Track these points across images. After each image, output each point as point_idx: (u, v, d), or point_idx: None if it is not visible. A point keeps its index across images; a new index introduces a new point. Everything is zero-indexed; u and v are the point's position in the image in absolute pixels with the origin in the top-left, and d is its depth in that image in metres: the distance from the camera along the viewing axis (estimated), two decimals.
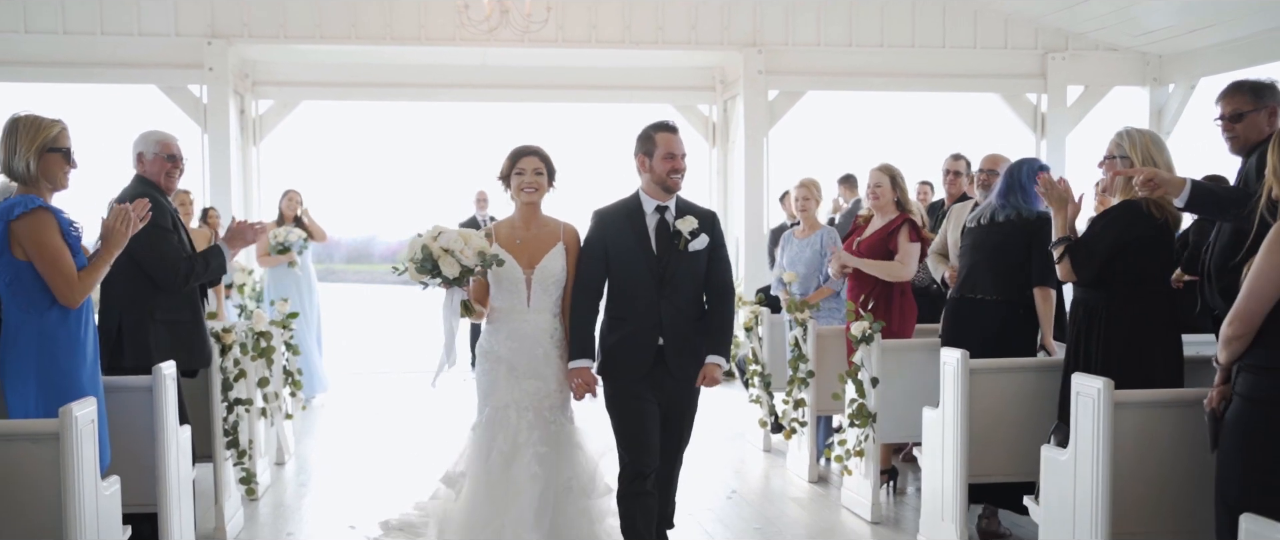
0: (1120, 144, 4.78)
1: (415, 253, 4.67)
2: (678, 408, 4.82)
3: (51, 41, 9.80)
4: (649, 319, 4.70)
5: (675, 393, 4.78)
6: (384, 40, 10.33)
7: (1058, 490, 4.44)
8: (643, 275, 4.70)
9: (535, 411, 4.85)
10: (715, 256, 4.81)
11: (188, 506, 4.99)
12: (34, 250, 4.10)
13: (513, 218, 4.98)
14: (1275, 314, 3.54)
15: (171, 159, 5.29)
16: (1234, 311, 3.62)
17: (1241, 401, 3.63)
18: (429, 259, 4.67)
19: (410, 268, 4.69)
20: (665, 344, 4.69)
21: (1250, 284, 3.57)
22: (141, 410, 4.60)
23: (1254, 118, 4.25)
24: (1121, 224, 4.68)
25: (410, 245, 4.73)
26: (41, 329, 4.14)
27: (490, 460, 4.79)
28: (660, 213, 4.76)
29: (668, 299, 4.69)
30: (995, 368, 5.19)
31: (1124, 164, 4.74)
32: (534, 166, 4.87)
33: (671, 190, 4.74)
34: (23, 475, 3.62)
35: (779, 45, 10.65)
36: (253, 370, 6.30)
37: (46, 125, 4.30)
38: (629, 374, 4.73)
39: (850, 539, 5.84)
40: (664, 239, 4.72)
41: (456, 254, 4.65)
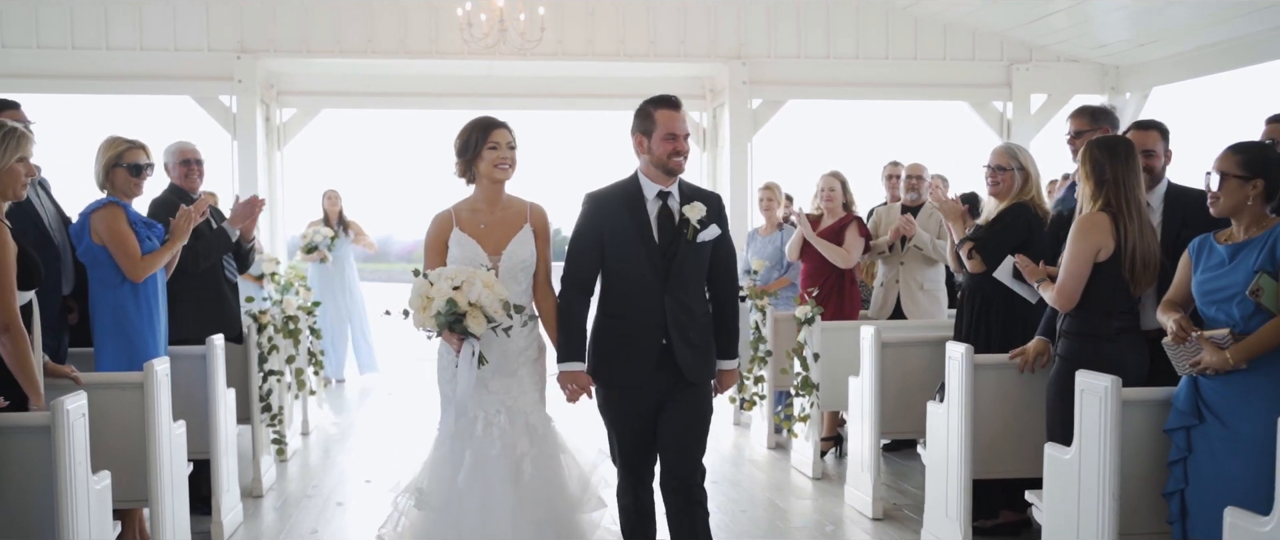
0: (1014, 156, 5.89)
1: (438, 308, 4.18)
2: (683, 406, 4.39)
3: (96, 57, 10.97)
4: (651, 317, 4.30)
5: (683, 396, 4.38)
6: (398, 54, 11.44)
7: (1061, 490, 4.51)
8: (643, 268, 4.29)
9: (508, 413, 4.44)
10: (722, 246, 4.43)
11: (233, 458, 6.18)
12: (106, 236, 5.30)
13: (474, 199, 4.52)
14: (1088, 290, 4.66)
15: (186, 163, 6.45)
16: (1057, 289, 4.74)
17: (1061, 362, 4.74)
18: (455, 316, 4.19)
19: (430, 323, 4.24)
20: (671, 344, 4.30)
21: (1065, 266, 4.69)
22: (197, 374, 5.78)
23: (1090, 136, 5.32)
24: (1022, 223, 5.76)
25: (421, 294, 4.25)
26: (116, 301, 5.35)
27: (459, 476, 4.38)
28: (663, 199, 4.34)
29: (672, 294, 4.30)
30: (998, 363, 5.34)
31: (1020, 175, 5.85)
32: (508, 140, 4.46)
33: (673, 173, 4.31)
34: (112, 417, 4.76)
35: (761, 57, 11.73)
36: (283, 348, 7.46)
37: (114, 144, 5.52)
38: (627, 378, 4.36)
39: (795, 492, 6.97)
40: (667, 227, 4.31)
41: (486, 308, 4.21)
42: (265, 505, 6.65)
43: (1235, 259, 4.02)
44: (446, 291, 4.18)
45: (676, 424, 4.39)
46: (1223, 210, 4.10)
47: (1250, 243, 4.01)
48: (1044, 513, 4.67)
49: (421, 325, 4.28)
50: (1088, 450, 4.28)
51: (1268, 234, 3.98)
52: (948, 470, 5.38)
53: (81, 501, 3.93)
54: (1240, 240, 4.05)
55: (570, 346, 4.42)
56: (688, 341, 4.34)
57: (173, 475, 5.05)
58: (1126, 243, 4.57)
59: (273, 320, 7.10)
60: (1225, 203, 4.08)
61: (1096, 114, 5.63)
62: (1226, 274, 4.02)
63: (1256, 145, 4.16)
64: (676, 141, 4.28)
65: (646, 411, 4.40)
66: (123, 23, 10.96)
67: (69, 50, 10.89)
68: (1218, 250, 4.09)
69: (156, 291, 5.50)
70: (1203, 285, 4.09)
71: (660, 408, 4.40)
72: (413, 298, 4.28)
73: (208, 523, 5.88)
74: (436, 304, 4.19)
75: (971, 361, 5.20)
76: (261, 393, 6.85)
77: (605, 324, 4.43)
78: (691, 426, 4.42)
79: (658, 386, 4.35)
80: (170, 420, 5.04)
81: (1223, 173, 4.07)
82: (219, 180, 10.65)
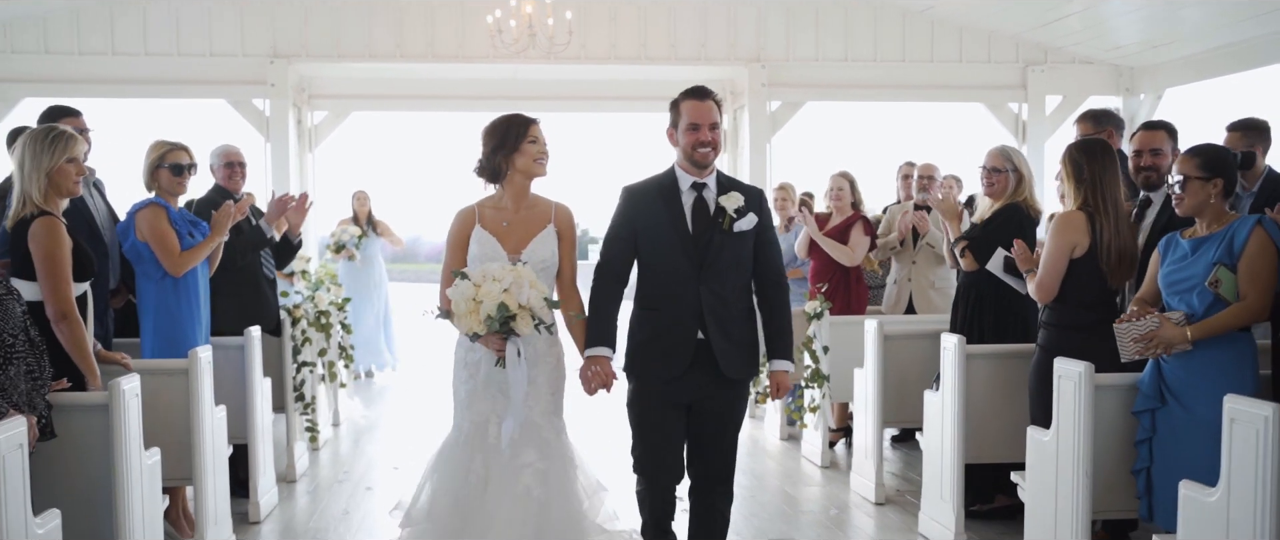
0: (1009, 159, 6.22)
1: (489, 311, 4.04)
2: (719, 416, 4.36)
3: (136, 62, 11.44)
4: (687, 309, 4.26)
5: (718, 396, 4.33)
6: (426, 58, 11.86)
7: (1042, 470, 4.85)
8: (678, 259, 4.27)
9: (525, 420, 4.33)
10: (764, 240, 4.39)
11: (269, 443, 6.60)
12: (148, 234, 5.72)
13: (499, 197, 4.45)
14: (1066, 284, 4.99)
15: (230, 165, 6.90)
16: (1036, 283, 5.07)
17: (1041, 351, 5.08)
18: (506, 318, 4.08)
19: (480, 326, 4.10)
20: (708, 338, 4.25)
21: (1043, 262, 5.02)
22: (236, 363, 6.19)
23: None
24: (1015, 222, 6.09)
25: (468, 297, 4.09)
26: (159, 293, 5.77)
27: (468, 483, 4.27)
28: (697, 190, 4.34)
29: (708, 286, 4.25)
30: (990, 353, 5.72)
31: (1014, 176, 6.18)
32: (543, 136, 4.44)
33: (700, 165, 4.31)
34: (159, 401, 5.16)
35: (780, 60, 12.07)
36: (315, 341, 7.89)
37: (158, 146, 5.96)
38: (661, 374, 4.31)
39: (805, 479, 7.32)
40: (702, 218, 4.30)
41: (535, 310, 4.12)
42: (299, 489, 7.07)
43: (1197, 252, 4.35)
44: (497, 295, 4.04)
45: (710, 425, 4.34)
46: (1187, 209, 4.43)
47: (1211, 238, 4.34)
48: (1027, 491, 5.00)
49: (470, 329, 4.13)
50: (1064, 432, 4.61)
51: (1226, 229, 4.31)
52: (942, 455, 5.72)
53: (135, 473, 4.33)
54: (1202, 235, 4.37)
55: (597, 332, 4.35)
56: (725, 334, 4.26)
57: (215, 456, 5.46)
58: (1103, 239, 4.90)
59: (305, 314, 7.52)
60: (1189, 202, 4.41)
61: (1100, 118, 5.98)
62: (1188, 266, 4.34)
63: (1213, 147, 4.48)
64: (700, 132, 4.27)
65: (678, 411, 4.32)
66: (161, 29, 11.43)
67: (109, 56, 11.36)
68: (1181, 245, 4.42)
69: (197, 285, 5.91)
70: (1167, 277, 4.42)
71: (692, 409, 4.34)
72: (458, 302, 4.11)
73: (246, 504, 6.30)
74: (486, 307, 4.05)
75: (964, 352, 5.54)
76: (295, 383, 7.27)
77: (640, 317, 4.38)
78: (725, 430, 4.38)
79: (693, 384, 4.28)
80: (212, 404, 5.45)
81: (1185, 175, 4.40)
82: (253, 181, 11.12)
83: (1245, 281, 4.24)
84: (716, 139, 4.31)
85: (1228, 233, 4.31)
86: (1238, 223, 4.33)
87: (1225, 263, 4.24)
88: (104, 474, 4.18)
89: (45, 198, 4.69)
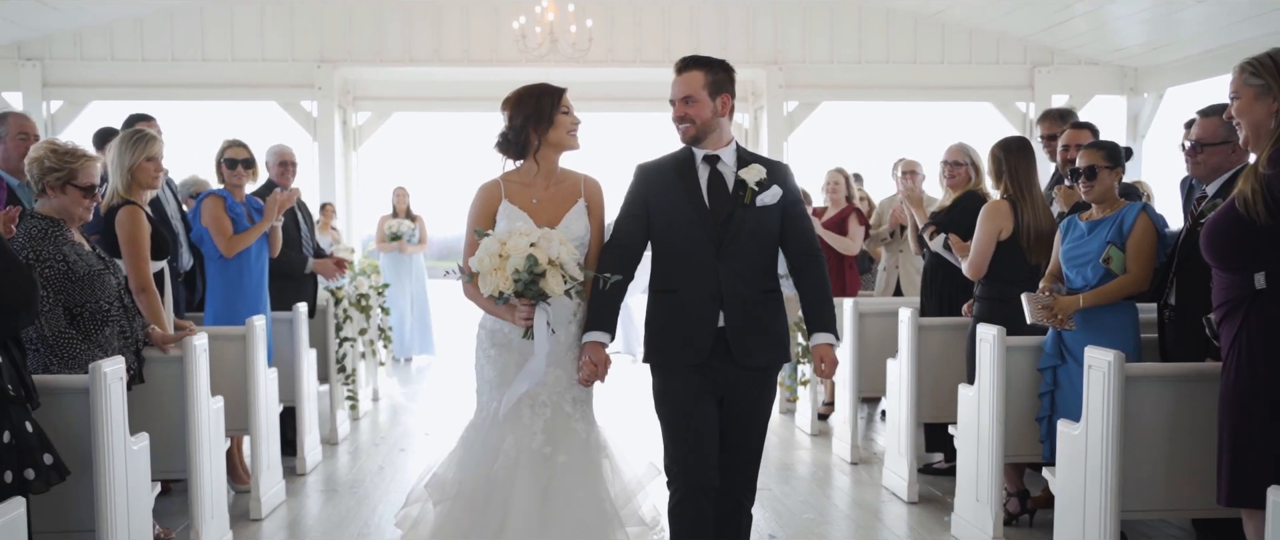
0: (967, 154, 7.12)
1: (517, 265, 3.83)
2: (742, 406, 4.14)
3: (194, 67, 12.62)
4: (706, 288, 4.06)
5: (740, 386, 4.12)
6: (462, 62, 12.93)
7: (968, 421, 5.63)
8: (696, 235, 4.08)
9: (554, 408, 4.18)
10: (793, 214, 4.19)
11: (314, 406, 7.67)
12: (207, 220, 6.78)
13: (525, 172, 4.25)
14: (993, 263, 5.91)
15: (283, 164, 7.95)
16: (969, 263, 6.00)
17: (973, 321, 5.99)
18: (534, 275, 3.85)
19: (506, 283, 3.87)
20: (727, 323, 4.06)
21: (974, 244, 5.95)
22: (285, 334, 7.26)
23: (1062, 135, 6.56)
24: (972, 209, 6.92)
25: (493, 253, 3.89)
26: (222, 272, 6.82)
27: (496, 465, 4.12)
28: (711, 163, 4.16)
29: (728, 264, 4.06)
30: (940, 325, 6.52)
31: (972, 169, 7.08)
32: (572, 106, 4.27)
33: (685, 141, 4.19)
34: (221, 361, 6.20)
35: (797, 62, 13.00)
36: (356, 320, 8.95)
37: (224, 146, 7.01)
38: (683, 360, 4.10)
39: (796, 445, 8.27)
40: (720, 192, 4.12)
41: (566, 266, 3.91)
42: (340, 450, 8.14)
43: (1092, 232, 5.26)
44: (524, 247, 3.85)
45: (735, 419, 4.16)
46: (1096, 196, 5.33)
47: (1104, 220, 5.25)
48: (958, 439, 5.92)
49: (495, 288, 3.89)
50: (984, 387, 5.53)
51: (1117, 214, 5.22)
52: (900, 415, 6.64)
53: (204, 416, 5.38)
54: (1097, 218, 5.28)
55: (595, 316, 4.15)
56: (746, 318, 4.07)
57: (268, 411, 6.52)
58: (1023, 223, 5.81)
59: (347, 296, 8.59)
60: (1098, 189, 5.31)
61: (1064, 115, 6.94)
62: (1084, 243, 5.26)
63: (1109, 141, 5.40)
64: (675, 107, 4.17)
65: (704, 403, 4.10)
66: (217, 36, 12.61)
67: (170, 62, 12.57)
68: (1079, 226, 5.33)
69: (252, 265, 6.96)
70: (1067, 253, 5.34)
71: (722, 404, 4.15)
72: (483, 257, 3.91)
73: (293, 460, 7.35)
74: (514, 260, 3.83)
75: (917, 323, 6.47)
76: (337, 356, 8.33)
77: (656, 301, 4.20)
78: (750, 425, 4.18)
79: (715, 374, 4.09)
80: (266, 366, 6.51)
81: (1094, 165, 5.30)
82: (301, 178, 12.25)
83: (1131, 258, 5.14)
84: (692, 113, 4.13)
85: (1118, 217, 5.21)
86: (1126, 208, 5.23)
87: (1115, 242, 5.15)
88: (179, 412, 5.23)
89: (128, 189, 5.76)
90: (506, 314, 4.08)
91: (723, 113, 4.17)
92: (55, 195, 4.94)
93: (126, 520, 4.40)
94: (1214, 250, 3.89)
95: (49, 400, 4.20)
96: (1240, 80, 3.90)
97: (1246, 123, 3.90)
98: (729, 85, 4.22)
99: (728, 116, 4.22)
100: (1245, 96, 3.88)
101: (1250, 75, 3.86)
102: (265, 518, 6.30)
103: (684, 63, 4.22)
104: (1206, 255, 3.93)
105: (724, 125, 4.20)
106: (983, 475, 5.55)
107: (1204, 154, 4.93)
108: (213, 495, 5.47)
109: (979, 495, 5.59)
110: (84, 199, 4.96)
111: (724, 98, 4.17)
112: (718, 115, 4.16)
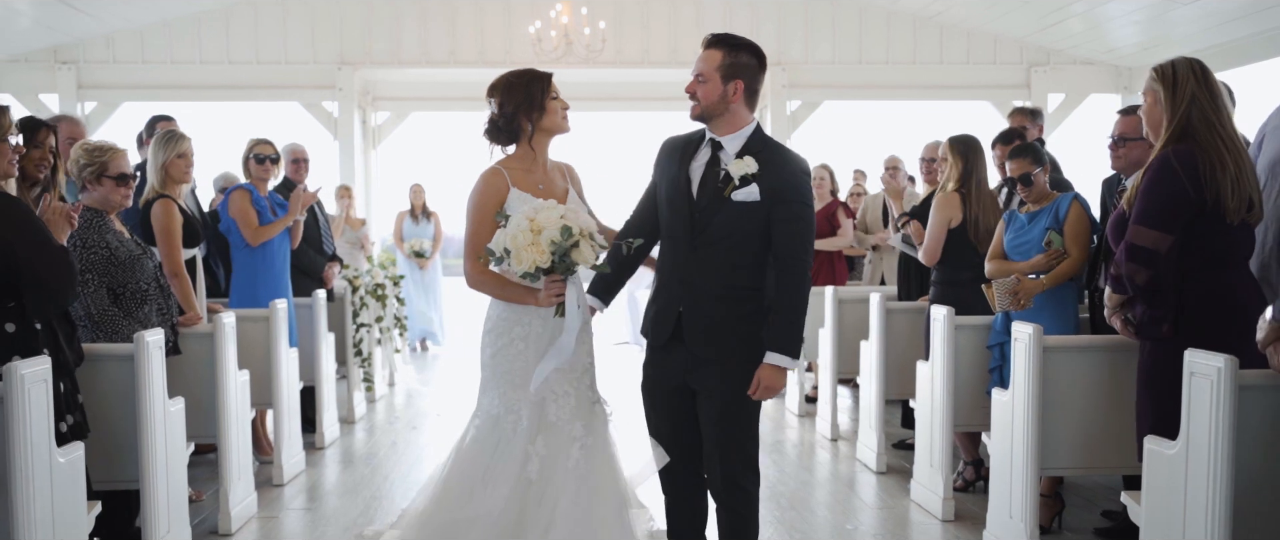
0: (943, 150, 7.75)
1: (553, 237, 3.84)
2: (704, 394, 4.13)
3: (219, 69, 13.38)
4: (676, 276, 4.12)
5: (699, 373, 4.12)
6: (477, 63, 13.62)
7: (924, 395, 6.19)
8: (677, 218, 4.11)
9: (577, 395, 4.21)
10: (778, 216, 4.00)
11: (332, 387, 8.38)
12: (234, 212, 7.50)
13: (521, 158, 4.25)
14: (945, 250, 6.54)
15: (295, 161, 8.67)
16: (924, 250, 6.64)
17: (929, 304, 6.63)
18: (568, 247, 3.87)
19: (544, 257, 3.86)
20: (684, 309, 4.09)
21: (928, 233, 6.59)
22: (305, 318, 7.97)
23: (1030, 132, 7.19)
24: None
25: (524, 230, 3.88)
26: (248, 258, 7.53)
27: (527, 469, 4.10)
28: (714, 148, 4.11)
29: (701, 255, 4.05)
30: (908, 309, 7.12)
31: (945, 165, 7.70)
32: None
33: (691, 117, 4.12)
34: (246, 341, 6.90)
35: (799, 63, 13.64)
36: (372, 308, 9.66)
37: (253, 144, 7.73)
38: (652, 349, 4.27)
39: (785, 425, 8.93)
40: (711, 179, 4.07)
41: (593, 233, 3.94)
42: (356, 428, 8.86)
43: (1032, 222, 5.90)
44: (556, 219, 3.87)
45: (705, 415, 4.15)
46: (1034, 196, 5.97)
47: (1042, 210, 5.90)
48: (917, 412, 6.56)
49: (531, 264, 3.88)
50: (937, 363, 6.17)
51: (1052, 204, 5.87)
52: (871, 393, 7.28)
53: (232, 386, 6.09)
54: (1034, 210, 5.92)
55: (593, 284, 4.36)
56: (700, 309, 4.07)
57: (289, 387, 7.22)
58: (970, 214, 6.45)
59: (364, 284, 9.30)
60: (1035, 191, 5.95)
61: (1031, 114, 7.58)
62: (1026, 233, 5.90)
63: (1029, 145, 6.07)
64: (690, 82, 4.11)
65: (674, 393, 4.19)
66: (242, 40, 13.37)
67: (198, 64, 13.34)
68: (1019, 218, 5.98)
69: (275, 255, 7.67)
70: (1011, 242, 5.98)
71: (687, 392, 4.18)
72: (515, 234, 3.90)
73: (313, 436, 8.06)
74: (548, 233, 3.85)
75: (885, 307, 7.11)
76: (354, 340, 9.05)
77: (654, 287, 4.32)
78: (719, 421, 4.11)
79: (679, 363, 4.14)
80: (287, 346, 7.22)
81: (1027, 172, 5.93)
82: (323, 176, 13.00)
83: (1070, 241, 5.78)
84: (701, 91, 4.08)
85: (1054, 206, 5.86)
86: (1059, 199, 5.88)
87: (1053, 227, 5.78)
88: (210, 382, 5.93)
89: (163, 184, 6.48)
90: (530, 297, 4.11)
91: (734, 98, 4.05)
92: (93, 187, 5.65)
93: (165, 472, 5.10)
94: (1113, 237, 4.55)
95: (98, 367, 4.93)
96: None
97: (1149, 122, 4.57)
98: (748, 72, 4.08)
99: (741, 102, 4.07)
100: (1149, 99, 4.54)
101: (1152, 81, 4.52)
102: (287, 483, 7.02)
103: (710, 39, 4.13)
104: (1110, 240, 4.58)
105: (737, 110, 4.08)
106: (936, 443, 6.18)
107: (1125, 148, 5.57)
108: (240, 459, 6.18)
109: (933, 461, 6.22)
110: (119, 187, 5.65)
111: (737, 83, 4.04)
112: (728, 100, 4.05)
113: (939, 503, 6.13)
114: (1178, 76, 4.43)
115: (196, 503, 6.31)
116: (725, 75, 4.04)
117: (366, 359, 9.30)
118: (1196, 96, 4.36)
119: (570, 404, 4.18)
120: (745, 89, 4.06)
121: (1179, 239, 4.32)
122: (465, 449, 4.25)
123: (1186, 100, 4.37)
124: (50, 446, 4.01)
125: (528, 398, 4.15)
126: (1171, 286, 4.35)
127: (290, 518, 6.36)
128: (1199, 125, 4.36)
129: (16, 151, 4.48)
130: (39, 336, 4.45)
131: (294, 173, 8.63)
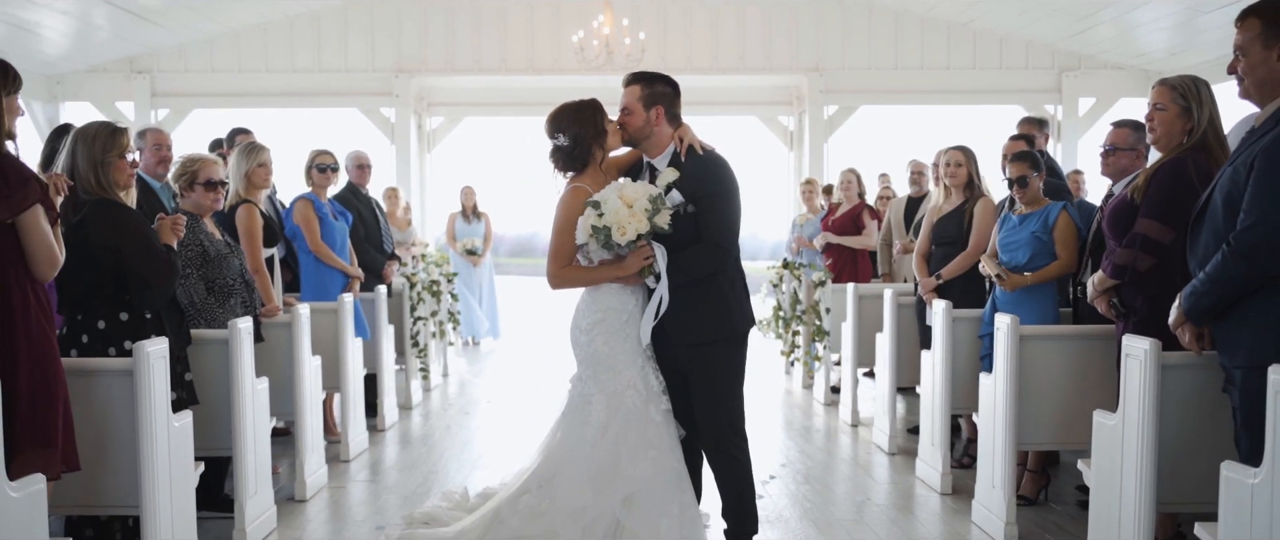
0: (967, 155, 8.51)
1: (645, 206, 4.56)
2: (687, 373, 5.01)
3: (284, 77, 14.39)
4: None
5: (679, 356, 4.98)
6: (527, 71, 14.53)
7: (926, 384, 7.05)
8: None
9: (653, 371, 5.04)
10: (700, 208, 4.79)
11: (392, 375, 9.30)
12: (298, 219, 8.40)
13: (592, 177, 4.91)
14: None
15: (360, 167, 9.58)
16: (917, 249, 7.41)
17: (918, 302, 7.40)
18: (656, 210, 4.62)
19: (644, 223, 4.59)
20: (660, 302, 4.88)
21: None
22: (369, 311, 8.88)
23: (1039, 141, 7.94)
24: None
25: (619, 206, 4.59)
26: (314, 261, 8.45)
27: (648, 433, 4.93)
28: (651, 171, 4.95)
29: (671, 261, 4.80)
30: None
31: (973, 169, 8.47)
32: None
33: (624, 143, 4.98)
34: (318, 331, 7.80)
35: (837, 68, 14.40)
36: (428, 303, 10.57)
37: (314, 155, 8.64)
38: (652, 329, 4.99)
39: (813, 413, 9.72)
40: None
41: (666, 198, 4.69)
42: (414, 413, 9.78)
43: (1022, 224, 6.66)
44: (641, 190, 4.60)
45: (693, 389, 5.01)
46: (1028, 199, 6.72)
47: (1032, 214, 6.66)
48: (921, 399, 7.32)
49: (637, 230, 4.59)
50: (937, 352, 6.94)
51: (1043, 210, 6.63)
52: (883, 387, 8.06)
53: (307, 370, 7.00)
54: (1026, 213, 6.68)
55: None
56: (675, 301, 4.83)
57: (354, 374, 8.13)
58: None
59: (421, 280, 10.22)
60: (1029, 194, 6.71)
61: (1040, 123, 8.33)
62: (1016, 233, 6.67)
63: (1029, 152, 6.82)
64: (619, 117, 4.98)
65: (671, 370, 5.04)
66: (305, 49, 14.37)
67: (264, 73, 14.36)
68: (1011, 218, 6.75)
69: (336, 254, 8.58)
70: (1002, 241, 6.75)
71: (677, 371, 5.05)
72: (615, 209, 4.58)
73: (374, 420, 8.97)
74: (641, 202, 4.54)
75: (896, 302, 7.89)
76: (412, 333, 9.96)
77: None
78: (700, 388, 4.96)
79: (664, 344, 4.98)
80: (353, 336, 8.12)
81: (1024, 176, 6.69)
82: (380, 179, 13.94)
83: (1060, 246, 6.53)
84: (628, 121, 4.90)
85: (1044, 212, 6.62)
86: (1050, 206, 6.64)
87: (1039, 233, 6.54)
88: (289, 365, 6.84)
89: (246, 190, 7.40)
90: (618, 271, 4.85)
91: (657, 122, 4.88)
92: (189, 193, 6.56)
93: (253, 441, 6.01)
94: (1111, 227, 5.36)
95: (199, 349, 5.85)
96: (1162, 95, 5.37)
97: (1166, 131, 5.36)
98: (665, 98, 4.92)
99: (663, 124, 4.90)
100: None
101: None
102: (352, 460, 7.93)
103: (627, 78, 4.99)
104: (1106, 230, 5.40)
105: (661, 132, 4.90)
106: (937, 425, 6.96)
107: (1114, 156, 6.31)
108: (313, 435, 7.09)
109: (934, 441, 7.00)
110: (209, 193, 6.56)
111: (658, 109, 4.88)
112: (652, 124, 4.88)
113: (939, 478, 6.90)
114: (1202, 94, 5.33)
115: (274, 475, 7.22)
116: (646, 103, 4.88)
117: (423, 350, 10.21)
118: (1213, 114, 5.22)
119: (648, 376, 4.97)
120: (666, 113, 4.91)
121: (1181, 234, 5.05)
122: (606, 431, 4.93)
123: (1207, 116, 5.19)
124: (167, 412, 4.93)
125: (613, 389, 4.91)
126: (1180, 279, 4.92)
127: (356, 488, 7.26)
128: (1212, 138, 5.20)
129: (133, 166, 5.39)
130: (148, 324, 5.37)
131: (358, 177, 9.54)
